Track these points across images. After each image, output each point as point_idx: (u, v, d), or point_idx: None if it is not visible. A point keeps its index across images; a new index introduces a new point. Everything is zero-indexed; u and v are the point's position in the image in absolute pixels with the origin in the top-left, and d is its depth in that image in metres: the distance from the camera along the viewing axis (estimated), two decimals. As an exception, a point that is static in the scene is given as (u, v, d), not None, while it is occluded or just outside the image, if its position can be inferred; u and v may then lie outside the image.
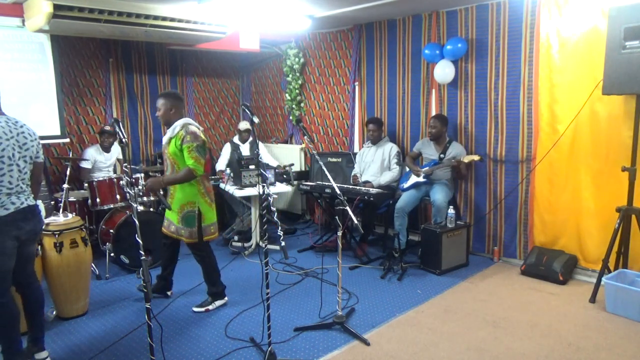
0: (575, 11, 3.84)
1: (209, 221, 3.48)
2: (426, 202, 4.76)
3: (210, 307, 3.58)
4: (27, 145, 2.68)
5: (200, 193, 3.43)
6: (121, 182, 4.40)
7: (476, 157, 4.25)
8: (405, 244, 4.61)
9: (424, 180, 4.58)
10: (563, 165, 4.05)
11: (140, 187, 4.46)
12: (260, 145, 5.37)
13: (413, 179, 4.70)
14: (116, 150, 5.11)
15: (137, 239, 2.25)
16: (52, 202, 4.67)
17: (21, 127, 2.68)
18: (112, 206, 4.40)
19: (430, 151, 4.66)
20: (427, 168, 4.58)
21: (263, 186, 2.80)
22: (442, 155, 4.55)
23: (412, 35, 4.94)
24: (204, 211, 3.44)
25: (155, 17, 4.16)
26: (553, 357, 2.83)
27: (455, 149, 4.52)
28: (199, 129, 3.41)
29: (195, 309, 3.55)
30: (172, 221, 3.48)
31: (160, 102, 3.44)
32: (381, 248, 4.93)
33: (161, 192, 3.40)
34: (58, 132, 4.62)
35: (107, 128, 5.00)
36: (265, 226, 2.75)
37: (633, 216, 3.56)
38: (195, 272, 4.35)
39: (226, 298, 3.68)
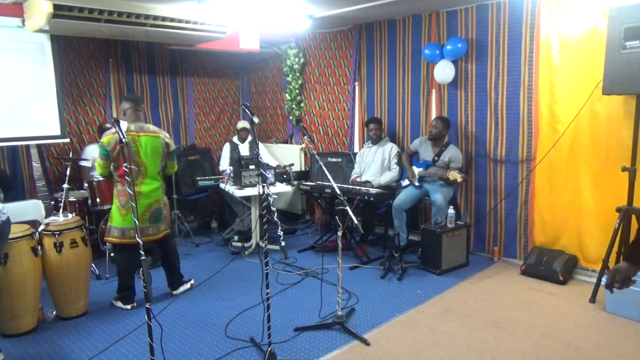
0: (575, 11, 3.84)
1: (113, 223, 3.56)
2: (426, 202, 4.76)
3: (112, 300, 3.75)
4: None
5: (114, 194, 3.58)
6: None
7: (459, 178, 4.18)
8: (405, 240, 4.62)
9: (418, 184, 4.60)
10: (563, 165, 4.05)
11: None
12: (260, 145, 5.38)
13: (408, 180, 4.71)
14: None
15: (137, 239, 2.26)
16: (52, 202, 4.67)
17: None
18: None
19: (426, 152, 4.67)
20: (421, 169, 4.60)
21: (263, 186, 2.80)
22: (436, 158, 4.55)
23: (412, 35, 4.94)
24: (112, 212, 3.59)
25: (155, 17, 4.16)
26: (553, 357, 2.83)
27: (451, 153, 4.51)
28: (115, 132, 3.33)
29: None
30: None
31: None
32: (381, 248, 4.93)
33: None
34: (58, 132, 4.61)
35: (107, 126, 4.99)
36: (265, 226, 2.75)
37: (633, 216, 3.56)
38: (194, 272, 4.36)
39: (128, 307, 3.64)
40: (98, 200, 4.33)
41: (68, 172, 4.13)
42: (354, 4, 4.32)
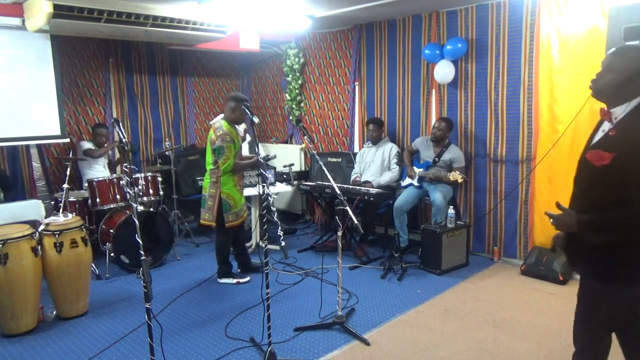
0: (575, 11, 3.84)
1: None
2: (426, 202, 4.76)
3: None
4: None
5: None
6: (121, 182, 4.40)
7: (460, 179, 4.22)
8: (407, 241, 4.63)
9: (418, 184, 4.60)
10: (563, 165, 4.04)
11: (140, 187, 4.48)
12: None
13: (407, 180, 4.72)
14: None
15: (137, 239, 2.25)
16: (52, 202, 4.67)
17: None
18: (112, 206, 4.40)
19: (427, 152, 4.67)
20: (421, 170, 4.60)
21: (263, 186, 2.80)
22: (436, 159, 4.56)
23: (412, 35, 4.94)
24: None
25: (155, 18, 4.16)
26: (553, 357, 2.83)
27: (451, 153, 4.51)
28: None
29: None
30: None
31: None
32: (381, 248, 4.93)
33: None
34: (58, 132, 4.61)
35: (104, 130, 5.02)
36: (265, 226, 2.75)
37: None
38: (195, 271, 4.36)
39: (233, 281, 4.09)
40: (98, 200, 4.33)
41: (68, 172, 4.13)
42: (354, 4, 4.32)
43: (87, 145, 4.93)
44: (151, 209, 4.65)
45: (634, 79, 1.66)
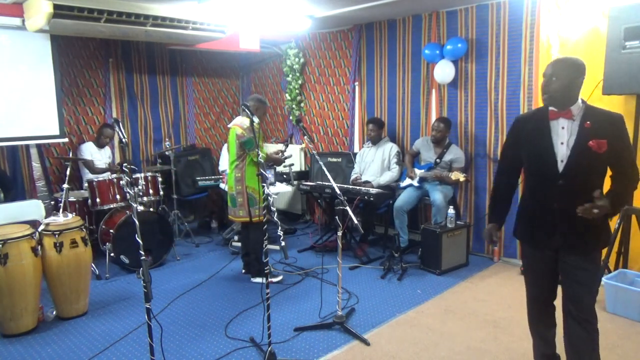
0: (575, 11, 3.84)
1: None
2: (426, 202, 4.76)
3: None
4: None
5: None
6: (121, 182, 4.40)
7: (462, 178, 4.22)
8: (407, 242, 4.63)
9: (418, 184, 4.60)
10: (563, 165, 4.04)
11: (140, 187, 4.49)
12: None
13: (407, 181, 4.71)
14: (108, 150, 5.15)
15: (137, 239, 2.25)
16: (52, 202, 4.67)
17: None
18: (112, 206, 4.40)
19: (428, 153, 4.66)
20: (422, 171, 4.60)
21: (263, 186, 2.80)
22: (437, 160, 4.55)
23: (412, 35, 4.94)
24: None
25: (155, 18, 4.16)
26: (553, 357, 2.83)
27: (453, 154, 4.51)
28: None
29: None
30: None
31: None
32: (381, 248, 4.93)
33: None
34: (57, 132, 4.61)
35: (110, 131, 5.02)
36: (265, 226, 2.75)
37: (633, 216, 3.56)
38: (195, 271, 4.37)
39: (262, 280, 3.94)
40: (98, 200, 4.34)
41: (68, 172, 4.13)
42: (354, 4, 4.32)
43: (88, 155, 4.90)
44: (151, 209, 4.65)
45: (574, 81, 2.12)
